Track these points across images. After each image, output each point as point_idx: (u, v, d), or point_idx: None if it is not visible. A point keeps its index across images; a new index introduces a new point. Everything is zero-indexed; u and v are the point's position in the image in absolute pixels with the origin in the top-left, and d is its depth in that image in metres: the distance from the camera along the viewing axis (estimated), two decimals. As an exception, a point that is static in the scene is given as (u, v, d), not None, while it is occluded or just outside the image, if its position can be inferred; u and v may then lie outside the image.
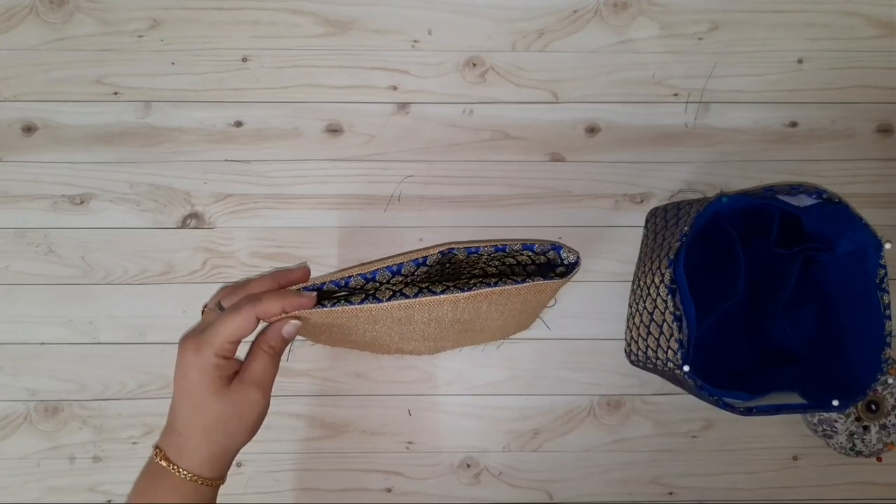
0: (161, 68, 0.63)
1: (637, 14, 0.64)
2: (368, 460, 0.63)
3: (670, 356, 0.52)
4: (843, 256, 0.55)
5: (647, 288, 0.56)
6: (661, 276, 0.53)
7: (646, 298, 0.56)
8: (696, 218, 0.52)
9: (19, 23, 0.62)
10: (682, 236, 0.52)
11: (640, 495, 0.64)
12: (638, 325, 0.58)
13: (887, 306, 0.51)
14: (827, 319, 0.56)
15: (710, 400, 0.51)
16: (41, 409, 0.62)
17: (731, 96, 0.65)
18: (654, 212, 0.62)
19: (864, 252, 0.53)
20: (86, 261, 0.62)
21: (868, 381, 0.51)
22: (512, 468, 0.64)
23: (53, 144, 0.62)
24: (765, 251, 0.57)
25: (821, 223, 0.55)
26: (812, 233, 0.56)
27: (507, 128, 0.64)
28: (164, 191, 0.63)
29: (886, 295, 0.51)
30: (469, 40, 0.64)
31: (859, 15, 0.65)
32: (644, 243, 0.62)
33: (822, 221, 0.55)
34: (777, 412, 0.52)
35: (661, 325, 0.53)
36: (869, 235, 0.52)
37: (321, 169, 0.63)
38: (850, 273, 0.54)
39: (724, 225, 0.57)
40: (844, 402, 0.51)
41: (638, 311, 0.58)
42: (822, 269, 0.57)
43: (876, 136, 0.65)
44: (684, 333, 0.51)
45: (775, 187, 0.53)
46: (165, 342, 0.62)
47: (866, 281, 0.52)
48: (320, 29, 0.63)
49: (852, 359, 0.53)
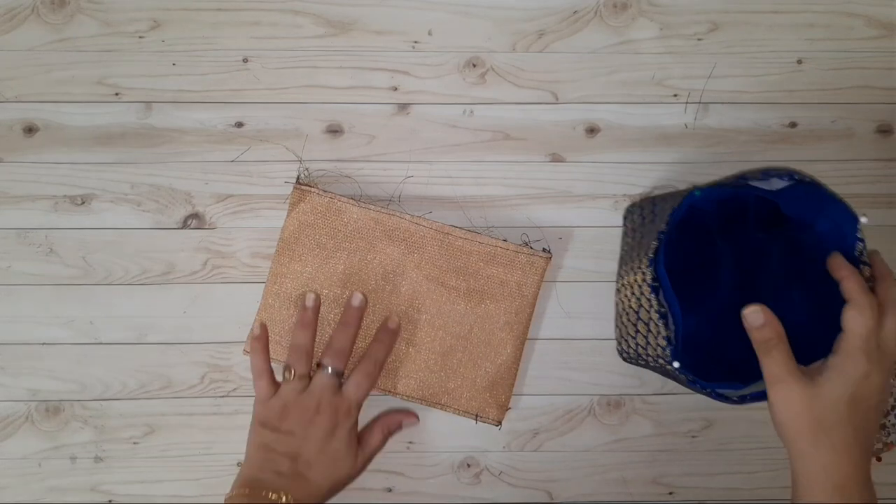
0: (162, 69, 0.63)
1: (637, 15, 0.65)
2: (369, 460, 0.63)
3: (660, 353, 0.52)
4: (823, 234, 0.54)
5: (630, 286, 0.56)
6: (643, 274, 0.53)
7: (630, 297, 0.56)
8: (672, 214, 0.52)
9: (20, 23, 0.63)
10: (660, 234, 0.52)
11: (640, 495, 0.64)
12: (626, 324, 0.58)
13: (869, 279, 0.51)
14: (815, 299, 0.56)
15: (703, 392, 0.51)
16: (42, 409, 0.62)
17: (730, 97, 0.65)
18: (630, 208, 0.63)
19: (842, 228, 0.52)
20: (87, 261, 0.62)
21: None
22: (512, 468, 0.64)
23: (54, 145, 0.63)
24: (746, 238, 0.57)
25: (796, 204, 0.55)
26: (790, 215, 0.56)
27: (507, 128, 0.64)
28: (165, 191, 0.63)
29: (867, 268, 0.51)
30: (469, 41, 0.64)
31: (859, 15, 0.65)
32: (624, 241, 0.62)
33: (798, 202, 0.55)
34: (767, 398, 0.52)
35: (647, 323, 0.53)
36: (844, 211, 0.51)
37: (321, 169, 0.63)
38: (830, 250, 0.54)
39: (703, 217, 0.57)
40: None
41: (624, 310, 0.58)
42: (804, 250, 0.57)
43: (876, 137, 0.65)
44: (671, 330, 0.52)
45: (747, 174, 0.53)
46: (166, 342, 0.63)
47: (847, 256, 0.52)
48: (321, 30, 0.64)
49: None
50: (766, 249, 0.58)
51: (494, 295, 0.61)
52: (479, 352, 0.61)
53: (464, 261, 0.61)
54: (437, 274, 0.61)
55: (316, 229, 0.60)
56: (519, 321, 0.61)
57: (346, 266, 0.60)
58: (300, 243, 0.61)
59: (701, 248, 0.59)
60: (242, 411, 0.62)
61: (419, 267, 0.60)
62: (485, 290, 0.61)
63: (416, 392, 0.61)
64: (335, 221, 0.60)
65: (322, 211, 0.60)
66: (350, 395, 0.55)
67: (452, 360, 0.61)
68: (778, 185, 0.54)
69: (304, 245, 0.61)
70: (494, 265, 0.60)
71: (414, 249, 0.61)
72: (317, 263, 0.60)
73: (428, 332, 0.61)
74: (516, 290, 0.61)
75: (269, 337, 0.60)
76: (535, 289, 0.61)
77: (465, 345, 0.61)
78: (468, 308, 0.61)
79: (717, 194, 0.52)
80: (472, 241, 0.60)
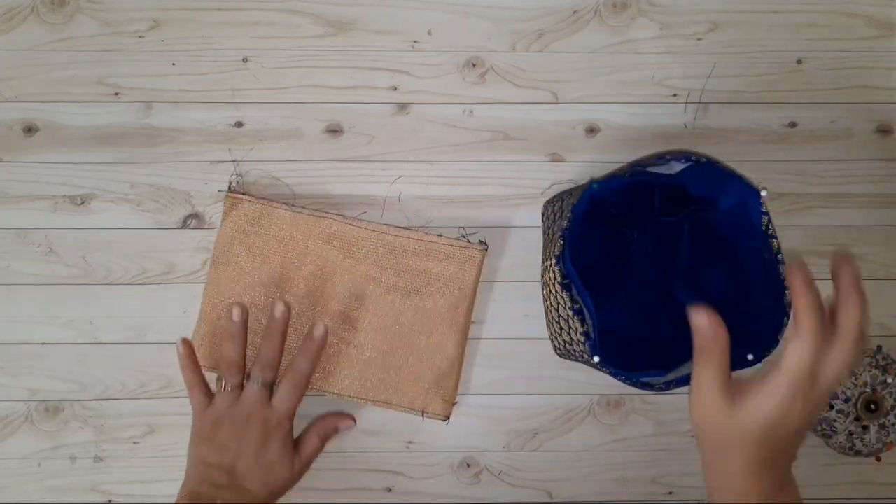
0: (162, 69, 0.63)
1: (637, 14, 0.65)
2: (368, 460, 0.63)
3: (582, 348, 0.52)
4: (727, 211, 0.55)
5: (547, 285, 0.56)
6: (553, 273, 0.53)
7: (549, 295, 0.56)
8: (574, 209, 0.52)
9: (20, 23, 0.63)
10: (564, 231, 0.52)
11: (640, 495, 0.64)
12: (551, 321, 0.58)
13: (779, 250, 0.51)
14: (729, 276, 0.56)
15: (628, 383, 0.51)
16: (42, 409, 0.62)
17: (730, 96, 0.65)
18: (547, 204, 0.63)
19: (745, 203, 0.53)
20: (86, 261, 0.62)
21: (777, 326, 0.51)
22: (512, 468, 0.64)
23: (54, 145, 0.63)
24: (654, 224, 0.58)
25: (698, 184, 0.55)
26: (695, 195, 0.57)
27: (507, 128, 0.64)
28: (165, 191, 0.63)
29: (775, 240, 0.52)
30: (469, 41, 0.64)
31: (859, 15, 0.65)
32: (543, 239, 0.62)
33: (699, 182, 0.55)
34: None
35: (567, 320, 0.54)
36: (744, 186, 0.52)
37: (321, 169, 0.63)
38: (737, 226, 0.54)
39: (610, 208, 0.57)
40: (759, 354, 0.51)
41: (547, 308, 0.59)
42: (713, 228, 0.57)
43: (876, 137, 0.65)
44: (588, 325, 0.52)
45: (642, 161, 0.53)
46: (166, 342, 0.63)
47: (753, 230, 0.52)
48: (320, 29, 0.64)
49: (759, 310, 0.53)
50: (674, 232, 0.58)
51: (432, 290, 0.61)
52: (421, 348, 0.61)
53: (400, 258, 0.61)
54: (376, 273, 0.61)
55: (250, 236, 0.60)
56: (458, 315, 0.61)
57: (283, 271, 0.61)
58: (234, 252, 0.60)
59: (611, 240, 0.59)
60: (242, 411, 0.62)
61: (356, 267, 0.61)
62: (422, 287, 0.61)
63: (361, 392, 0.61)
64: (269, 227, 0.60)
65: (255, 217, 0.60)
66: (279, 408, 0.56)
67: (395, 358, 0.61)
68: (677, 168, 0.54)
69: (238, 253, 0.61)
70: (430, 260, 0.61)
71: (350, 250, 0.61)
72: (252, 270, 0.60)
73: (369, 332, 0.61)
74: (454, 284, 0.61)
75: (210, 346, 0.60)
76: (472, 282, 0.61)
77: (407, 342, 0.61)
78: (407, 305, 0.61)
79: (616, 184, 0.52)
80: (408, 238, 0.61)
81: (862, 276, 0.42)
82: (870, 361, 0.61)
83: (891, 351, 0.62)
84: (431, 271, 0.61)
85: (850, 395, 0.60)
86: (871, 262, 0.65)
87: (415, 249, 0.61)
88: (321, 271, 0.61)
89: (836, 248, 0.64)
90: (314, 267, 0.61)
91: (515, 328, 0.64)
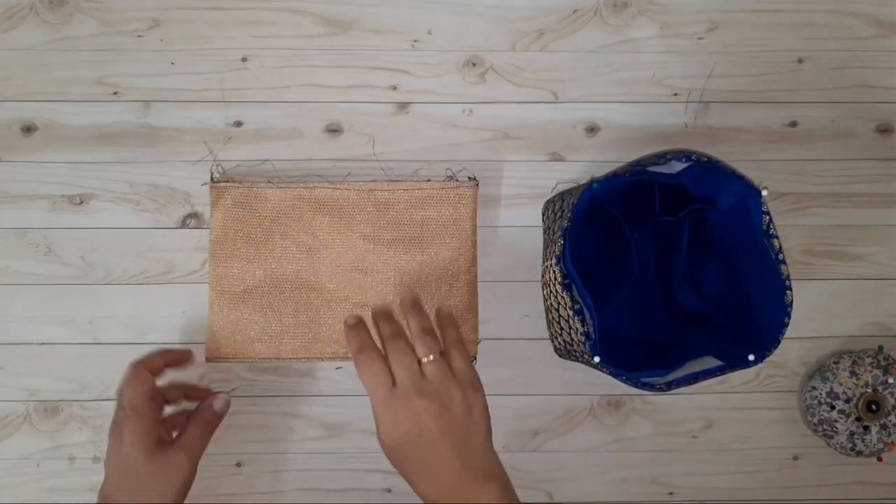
0: (161, 68, 0.63)
1: (637, 14, 0.64)
2: (368, 460, 0.63)
3: (583, 349, 0.52)
4: (728, 211, 0.55)
5: (547, 285, 0.56)
6: (554, 273, 0.53)
7: (549, 295, 0.56)
8: (574, 209, 0.52)
9: (19, 23, 0.62)
10: (564, 231, 0.52)
11: (640, 495, 0.64)
12: (552, 321, 0.58)
13: (779, 250, 0.51)
14: (730, 276, 0.57)
15: (628, 383, 0.51)
16: (41, 409, 0.62)
17: (730, 96, 0.65)
18: (547, 204, 0.63)
19: (746, 203, 0.53)
20: (85, 261, 0.62)
21: (778, 326, 0.51)
22: (512, 468, 0.64)
23: (53, 144, 0.62)
24: (655, 224, 0.58)
25: (698, 183, 0.55)
26: (695, 195, 0.57)
27: (507, 128, 0.64)
28: (164, 191, 0.63)
29: (776, 240, 0.52)
30: (469, 40, 0.64)
31: (859, 15, 0.65)
32: (543, 238, 0.62)
33: (699, 182, 0.55)
34: (696, 380, 0.52)
35: (568, 320, 0.54)
36: (745, 186, 0.52)
37: (321, 169, 0.63)
38: (737, 225, 0.54)
39: (610, 208, 0.57)
40: (760, 354, 0.51)
41: (547, 308, 0.58)
42: (713, 228, 0.57)
43: (876, 136, 0.65)
44: (588, 325, 0.52)
45: (642, 161, 0.53)
46: (165, 342, 0.62)
47: (754, 230, 0.53)
48: (320, 29, 0.63)
49: (760, 309, 0.53)
50: (674, 231, 0.58)
51: (433, 237, 0.61)
52: (434, 296, 0.61)
53: (394, 212, 0.61)
54: (372, 232, 0.61)
55: (242, 222, 0.61)
56: (464, 256, 0.61)
57: (281, 248, 0.61)
58: (230, 239, 0.61)
59: (612, 239, 0.60)
60: (242, 412, 0.62)
61: (352, 229, 0.61)
62: (422, 236, 0.61)
63: None
64: (259, 208, 0.61)
65: (243, 202, 0.61)
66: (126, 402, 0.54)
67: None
68: (678, 167, 0.54)
69: (234, 240, 0.61)
70: (425, 207, 0.61)
71: (343, 214, 0.61)
72: (252, 254, 0.61)
73: (378, 291, 0.61)
74: (453, 227, 0.61)
75: (227, 337, 0.60)
76: (470, 221, 0.61)
77: (419, 293, 0.61)
78: (411, 257, 0.61)
79: (616, 184, 0.53)
80: (397, 191, 0.61)
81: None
82: (871, 362, 0.60)
83: (891, 351, 0.62)
84: (429, 219, 0.61)
85: (852, 396, 0.60)
86: (871, 262, 0.65)
87: (407, 200, 0.61)
88: (320, 240, 0.61)
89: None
90: (312, 237, 0.61)
91: (515, 328, 0.63)
